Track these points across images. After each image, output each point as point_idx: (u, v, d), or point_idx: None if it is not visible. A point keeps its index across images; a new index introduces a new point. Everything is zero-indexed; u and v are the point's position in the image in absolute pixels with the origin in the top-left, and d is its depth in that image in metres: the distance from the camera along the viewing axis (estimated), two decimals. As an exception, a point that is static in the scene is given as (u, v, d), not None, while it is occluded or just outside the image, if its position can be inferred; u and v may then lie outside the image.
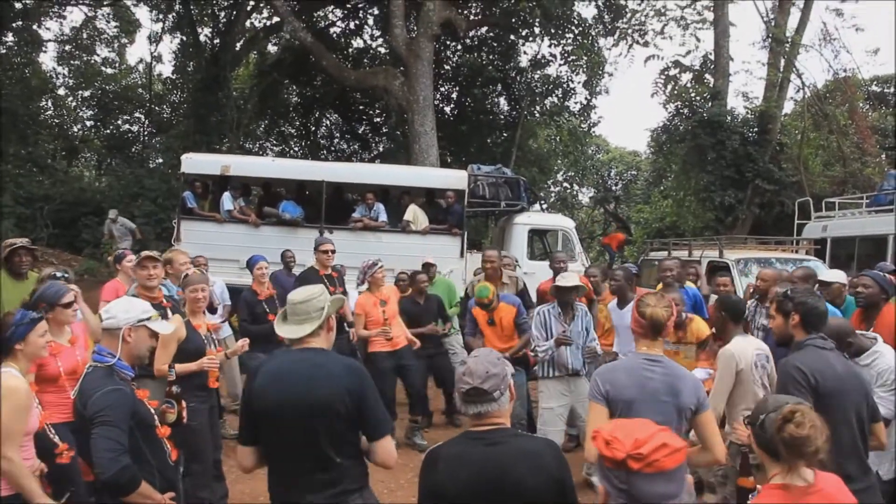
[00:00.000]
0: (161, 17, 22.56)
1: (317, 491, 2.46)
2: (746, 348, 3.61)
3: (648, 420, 1.93)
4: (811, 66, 55.20)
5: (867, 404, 2.93)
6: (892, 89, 22.89)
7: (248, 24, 21.67)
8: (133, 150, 23.41)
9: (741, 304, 4.11)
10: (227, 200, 9.75)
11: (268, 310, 5.98)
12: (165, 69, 24.95)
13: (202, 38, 21.36)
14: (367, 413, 2.47)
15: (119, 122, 24.52)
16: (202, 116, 18.82)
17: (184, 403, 3.37)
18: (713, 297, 6.27)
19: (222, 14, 21.01)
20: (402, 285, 7.22)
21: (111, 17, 23.51)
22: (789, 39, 17.85)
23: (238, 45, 21.11)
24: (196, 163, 10.28)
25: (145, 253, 4.64)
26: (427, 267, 7.66)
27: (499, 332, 5.78)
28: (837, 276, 5.43)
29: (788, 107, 19.97)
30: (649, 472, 1.70)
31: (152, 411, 2.93)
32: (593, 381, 2.82)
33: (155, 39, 23.17)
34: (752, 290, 6.05)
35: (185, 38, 21.65)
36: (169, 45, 33.78)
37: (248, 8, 20.64)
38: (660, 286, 6.36)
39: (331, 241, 7.12)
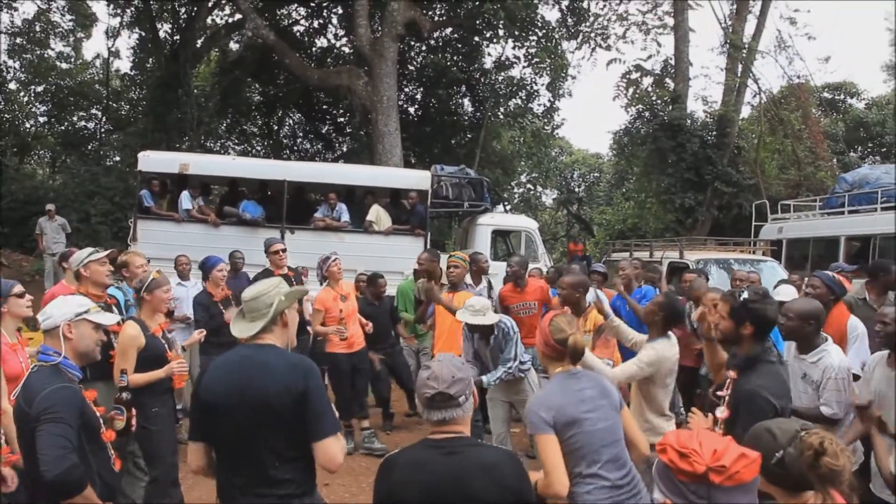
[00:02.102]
0: (119, 11, 22.02)
1: (258, 491, 2.39)
2: (671, 351, 3.80)
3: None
4: (767, 71, 56.53)
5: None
6: (842, 96, 23.61)
7: (209, 20, 21.31)
8: (89, 147, 22.78)
9: (678, 304, 4.15)
10: (185, 199, 9.55)
11: (223, 310, 5.87)
12: (123, 65, 24.33)
13: (162, 34, 20.93)
14: (308, 413, 2.35)
15: (74, 118, 23.84)
16: (161, 114, 18.42)
17: (133, 411, 3.27)
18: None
19: (182, 10, 20.60)
20: (360, 286, 7.18)
21: (66, 10, 22.85)
22: (746, 46, 18.27)
23: (199, 41, 20.74)
24: (154, 161, 10.05)
25: (111, 251, 4.60)
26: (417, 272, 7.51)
27: (455, 322, 5.67)
28: (788, 293, 5.50)
29: (746, 111, 20.47)
30: (729, 484, 1.65)
31: (98, 414, 2.83)
32: (531, 415, 2.73)
33: (112, 34, 22.65)
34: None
35: (143, 34, 21.18)
36: (127, 41, 33.03)
37: (210, 4, 20.29)
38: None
39: (280, 240, 7.02)
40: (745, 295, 3.06)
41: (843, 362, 3.52)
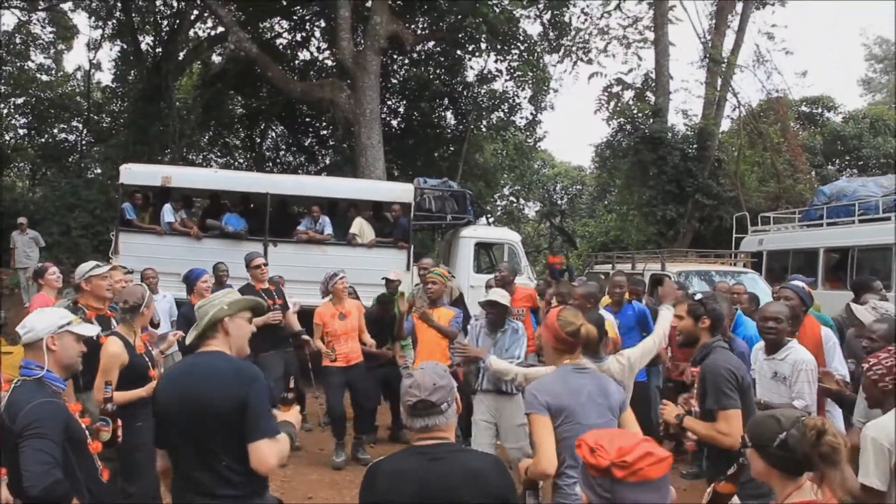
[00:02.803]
0: (101, 23, 21.90)
1: (206, 494, 2.44)
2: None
3: (631, 431, 1.94)
4: (746, 85, 57.41)
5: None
6: (819, 110, 24.00)
7: (191, 33, 21.26)
8: (70, 159, 22.54)
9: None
10: (167, 212, 9.49)
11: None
12: (105, 77, 24.15)
13: (143, 46, 20.83)
14: (247, 417, 2.42)
15: (55, 130, 23.59)
16: (143, 126, 18.31)
17: (119, 422, 3.25)
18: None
19: (165, 22, 20.56)
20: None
21: (47, 21, 22.68)
22: (725, 60, 18.56)
23: (181, 54, 20.67)
24: (135, 173, 9.98)
25: (109, 265, 4.73)
26: (388, 282, 7.57)
27: (434, 332, 5.72)
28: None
29: (725, 124, 20.72)
30: (634, 480, 1.69)
31: (83, 426, 2.82)
32: (530, 395, 2.83)
33: (94, 47, 22.47)
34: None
35: (125, 46, 21.07)
36: (108, 53, 32.81)
37: (192, 17, 20.26)
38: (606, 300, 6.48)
39: (261, 254, 7.03)
40: (698, 296, 3.46)
41: (809, 357, 3.78)
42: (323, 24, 19.65)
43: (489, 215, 17.43)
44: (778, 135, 19.30)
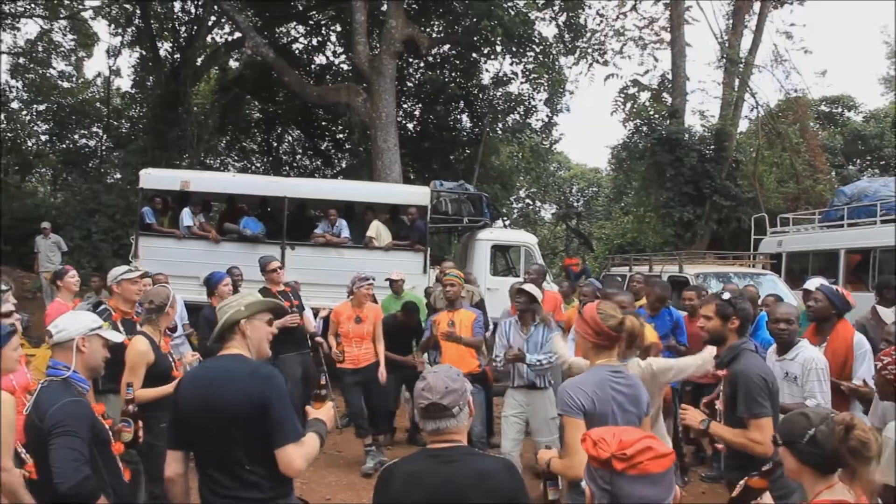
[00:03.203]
0: (120, 31, 22.20)
1: (234, 494, 2.45)
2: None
3: (636, 428, 1.95)
4: (764, 85, 56.72)
5: None
6: (839, 109, 23.71)
7: (209, 39, 21.48)
8: (90, 165, 22.89)
9: None
10: (186, 216, 9.60)
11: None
12: (124, 84, 24.39)
13: (162, 52, 21.07)
14: (270, 421, 2.43)
15: (76, 136, 23.97)
16: (161, 132, 18.52)
17: (140, 423, 3.29)
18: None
19: (183, 29, 20.78)
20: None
21: (68, 29, 23.05)
22: (743, 60, 18.41)
23: (199, 60, 20.89)
24: (155, 178, 10.11)
25: (141, 270, 4.92)
26: (392, 283, 7.64)
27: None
28: (815, 283, 5.62)
29: (743, 125, 20.54)
30: (633, 473, 1.71)
31: (107, 427, 2.87)
32: (565, 396, 2.75)
33: (113, 53, 22.79)
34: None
35: (144, 53, 21.34)
36: (128, 60, 33.29)
37: (210, 23, 20.46)
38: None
39: (275, 258, 7.06)
40: (726, 295, 3.39)
41: (820, 355, 3.74)
42: (339, 29, 19.78)
43: (505, 218, 17.40)
44: (797, 135, 19.10)
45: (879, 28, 57.01)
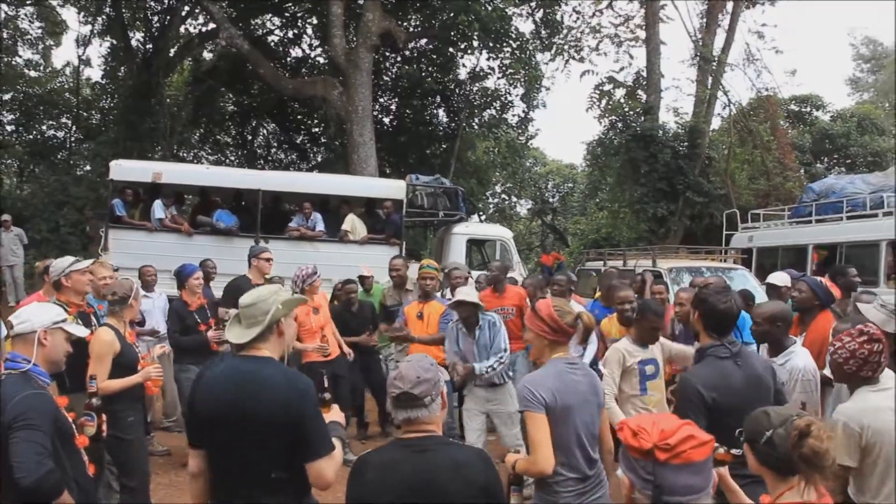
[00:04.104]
0: (90, 19, 21.75)
1: (256, 498, 2.38)
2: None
3: (671, 414, 1.94)
4: (736, 84, 57.84)
5: None
6: (808, 108, 24.16)
7: (182, 29, 21.15)
8: (59, 156, 22.41)
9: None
10: (158, 208, 9.45)
11: (199, 320, 5.80)
12: (94, 74, 23.95)
13: (134, 42, 20.70)
14: (304, 432, 2.34)
15: (43, 127, 23.44)
16: (133, 123, 18.20)
17: (104, 417, 3.24)
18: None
19: (155, 18, 20.42)
20: (339, 295, 7.17)
21: (35, 17, 22.52)
22: (716, 58, 18.64)
23: (172, 51, 20.56)
24: (126, 169, 9.93)
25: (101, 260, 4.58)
26: (363, 279, 7.60)
27: (425, 326, 5.72)
28: (781, 279, 5.68)
29: (716, 122, 20.83)
30: (676, 463, 1.71)
31: (70, 420, 2.81)
32: (525, 392, 2.72)
33: (83, 43, 22.33)
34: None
35: (115, 42, 20.94)
36: (98, 49, 32.64)
37: (183, 13, 20.14)
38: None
39: (269, 249, 6.96)
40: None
41: (809, 364, 3.58)
42: (315, 22, 19.59)
43: (481, 212, 17.44)
44: (767, 133, 19.42)
45: (846, 30, 58.30)
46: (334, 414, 2.72)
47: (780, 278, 6.00)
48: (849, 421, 2.69)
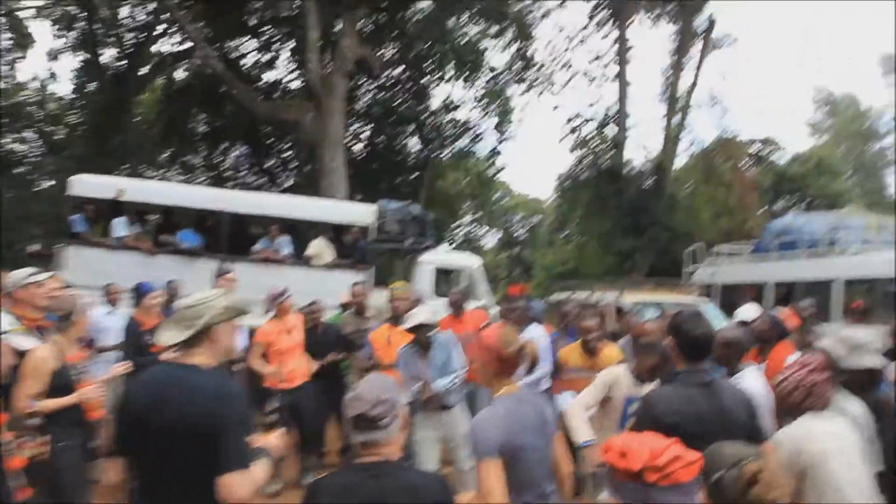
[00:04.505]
0: (63, 33, 21.46)
1: None
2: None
3: (656, 434, 1.85)
4: (702, 122, 59.37)
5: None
6: (767, 150, 24.91)
7: (156, 48, 21.02)
8: (20, 170, 21.89)
9: None
10: (119, 226, 9.22)
11: (153, 341, 5.60)
12: (61, 88, 23.57)
13: (107, 58, 20.50)
14: (222, 443, 2.22)
15: (6, 140, 22.90)
16: (101, 140, 17.94)
17: (49, 438, 3.09)
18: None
19: (130, 35, 20.27)
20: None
21: (3, 27, 22.14)
22: (683, 97, 19.16)
23: (145, 68, 20.39)
24: (87, 185, 9.70)
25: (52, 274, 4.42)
26: (345, 306, 7.44)
27: (391, 350, 5.48)
28: (746, 312, 5.74)
29: (682, 160, 21.32)
30: (665, 484, 1.66)
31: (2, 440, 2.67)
32: (477, 437, 2.58)
33: (53, 56, 22.01)
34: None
35: (87, 57, 20.69)
36: (66, 64, 32.13)
37: (158, 32, 20.05)
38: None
39: (233, 270, 6.83)
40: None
41: (759, 387, 3.57)
42: (291, 46, 19.66)
43: (450, 242, 17.49)
44: (730, 172, 19.92)
45: (807, 77, 60.71)
46: (271, 440, 2.58)
47: (747, 313, 6.01)
48: (786, 443, 2.66)
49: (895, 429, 2.91)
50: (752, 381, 3.62)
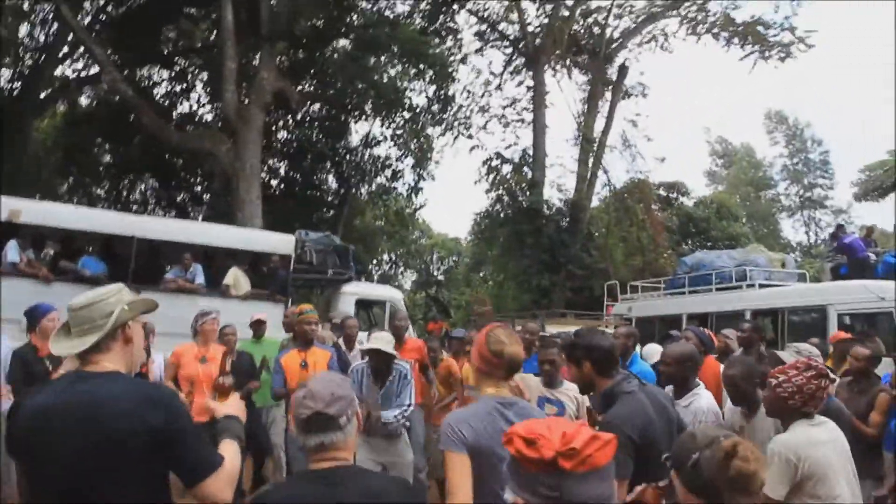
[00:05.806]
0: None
1: None
2: None
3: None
4: (614, 165, 62.15)
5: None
6: (674, 194, 26.26)
7: (58, 72, 19.94)
8: None
9: None
10: (11, 251, 8.45)
11: (50, 368, 5.05)
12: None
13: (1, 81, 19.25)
14: (180, 455, 1.90)
15: None
16: (-9, 164, 16.66)
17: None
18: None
19: (27, 56, 19.17)
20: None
21: None
22: (596, 140, 19.94)
23: (44, 92, 19.27)
24: (-24, 207, 8.91)
25: None
26: (258, 324, 7.07)
27: (307, 376, 5.28)
28: (653, 352, 5.75)
29: (596, 200, 22.09)
30: (583, 470, 1.44)
31: None
32: (447, 429, 2.46)
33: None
34: None
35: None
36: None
37: (60, 55, 19.06)
38: None
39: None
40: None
41: (712, 406, 3.62)
42: (206, 77, 19.16)
43: (368, 278, 17.21)
44: (642, 212, 20.78)
45: (703, 129, 65.53)
46: (230, 405, 2.27)
47: (652, 352, 5.94)
48: (786, 452, 2.67)
49: (849, 433, 2.99)
50: (706, 401, 3.62)
